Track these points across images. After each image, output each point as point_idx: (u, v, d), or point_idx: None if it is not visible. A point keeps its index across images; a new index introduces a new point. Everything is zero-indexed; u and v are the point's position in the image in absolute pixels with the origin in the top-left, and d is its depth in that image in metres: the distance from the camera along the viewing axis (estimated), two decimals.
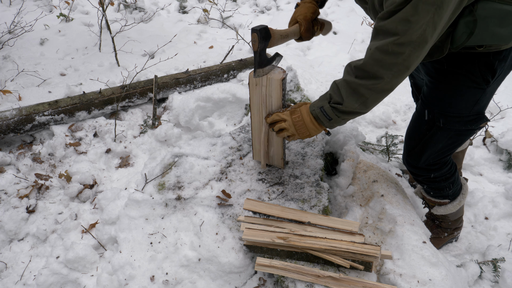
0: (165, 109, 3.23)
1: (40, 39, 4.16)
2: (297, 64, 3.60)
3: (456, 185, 1.88)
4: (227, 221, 1.79)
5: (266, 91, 1.65)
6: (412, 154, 1.74)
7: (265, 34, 1.51)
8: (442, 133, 1.59)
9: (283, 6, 5.46)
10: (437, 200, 1.94)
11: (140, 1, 5.24)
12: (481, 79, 1.43)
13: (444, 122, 1.56)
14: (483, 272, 1.98)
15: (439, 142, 1.63)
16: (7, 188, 2.38)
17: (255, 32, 1.49)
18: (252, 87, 1.68)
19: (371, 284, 1.50)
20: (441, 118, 1.55)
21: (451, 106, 1.52)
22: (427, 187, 1.91)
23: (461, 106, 1.50)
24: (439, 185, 1.84)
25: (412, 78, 2.06)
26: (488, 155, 2.80)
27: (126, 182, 2.52)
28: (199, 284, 1.73)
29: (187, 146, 2.17)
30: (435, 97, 1.56)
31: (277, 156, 1.92)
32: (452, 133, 1.59)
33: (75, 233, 2.16)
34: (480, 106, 1.52)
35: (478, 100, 1.49)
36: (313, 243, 1.57)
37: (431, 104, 1.58)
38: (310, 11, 1.62)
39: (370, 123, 3.17)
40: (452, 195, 1.90)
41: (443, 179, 1.80)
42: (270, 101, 1.68)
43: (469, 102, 1.49)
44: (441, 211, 1.96)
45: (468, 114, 1.52)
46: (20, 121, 2.72)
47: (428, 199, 1.99)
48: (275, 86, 1.60)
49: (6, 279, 1.99)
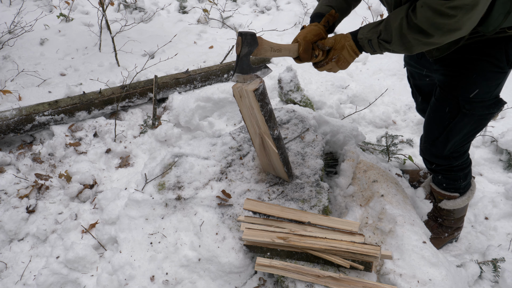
0: (165, 109, 3.23)
1: (40, 39, 4.16)
2: (297, 64, 3.60)
3: (469, 178, 1.94)
4: (227, 221, 1.79)
5: (249, 103, 1.60)
6: (437, 143, 1.77)
7: (250, 40, 1.48)
8: (466, 119, 1.64)
9: (283, 6, 5.46)
10: (447, 193, 1.97)
11: (140, 1, 5.24)
12: (505, 63, 1.48)
13: (469, 108, 1.60)
14: (483, 272, 1.97)
15: (463, 128, 1.67)
16: (7, 188, 2.38)
17: (240, 36, 1.47)
18: (237, 99, 1.64)
19: (371, 284, 1.50)
20: (466, 104, 1.59)
21: (476, 92, 1.56)
22: (442, 177, 1.94)
23: (485, 91, 1.55)
24: (456, 175, 1.88)
25: (413, 78, 2.06)
26: (488, 155, 2.80)
27: (126, 182, 2.52)
28: (199, 284, 1.73)
29: (187, 146, 2.17)
30: (458, 85, 1.59)
31: (279, 168, 1.85)
32: (476, 118, 1.64)
33: (75, 233, 2.16)
34: (499, 89, 1.59)
35: (499, 83, 1.56)
36: (313, 243, 1.57)
37: (454, 92, 1.61)
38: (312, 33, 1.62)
39: (370, 123, 3.17)
40: (464, 188, 1.95)
41: (460, 168, 1.86)
42: (253, 112, 1.62)
43: (492, 87, 1.55)
44: (449, 205, 1.98)
45: (490, 98, 1.58)
46: (20, 121, 2.72)
47: (438, 192, 2.01)
48: (251, 97, 1.55)
49: (6, 279, 1.99)
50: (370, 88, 3.48)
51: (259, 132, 1.71)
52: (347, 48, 1.54)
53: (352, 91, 3.43)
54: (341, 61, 1.58)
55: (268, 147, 1.73)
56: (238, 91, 1.60)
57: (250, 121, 1.69)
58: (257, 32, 4.35)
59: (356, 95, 3.42)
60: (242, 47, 1.48)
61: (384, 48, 1.44)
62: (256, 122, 1.67)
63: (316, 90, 3.28)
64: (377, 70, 3.84)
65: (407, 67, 2.04)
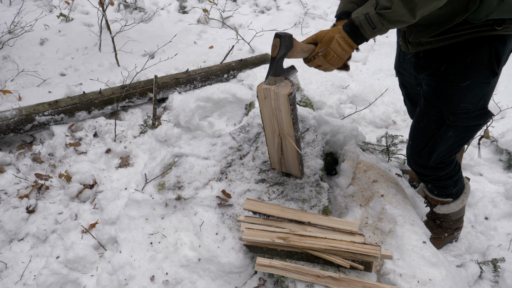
0: (165, 109, 3.23)
1: (40, 39, 4.16)
2: (298, 64, 3.60)
3: (459, 184, 1.90)
4: (227, 221, 1.79)
5: (275, 105, 1.61)
6: (422, 154, 1.74)
7: (288, 42, 1.42)
8: (451, 130, 1.61)
9: (283, 6, 5.46)
10: (440, 199, 1.95)
11: (140, 1, 5.24)
12: (489, 72, 1.44)
13: (453, 120, 1.57)
14: (483, 272, 1.98)
15: (449, 139, 1.64)
16: (7, 188, 2.38)
17: (278, 38, 1.40)
18: (261, 100, 1.64)
19: (371, 284, 1.50)
20: (450, 116, 1.57)
21: (459, 102, 1.53)
22: (432, 186, 1.92)
23: (469, 102, 1.52)
24: (444, 183, 1.85)
25: (405, 88, 2.03)
26: (488, 155, 2.80)
27: (126, 182, 2.52)
28: (199, 284, 1.73)
29: (187, 146, 2.17)
30: (442, 95, 1.56)
31: (293, 166, 1.89)
32: (461, 130, 1.61)
33: (75, 233, 2.16)
34: (484, 101, 1.55)
35: (484, 94, 1.52)
36: (313, 243, 1.57)
37: (439, 103, 1.58)
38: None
39: (370, 123, 3.17)
40: (456, 193, 1.92)
41: (448, 177, 1.82)
42: (280, 115, 1.64)
43: (476, 97, 1.51)
44: (443, 210, 1.96)
45: (475, 110, 1.55)
46: (20, 121, 2.72)
47: (431, 198, 1.99)
48: (282, 101, 1.56)
49: (6, 279, 1.99)
50: (370, 88, 3.48)
51: (279, 132, 1.73)
52: (338, 40, 1.43)
53: (352, 91, 3.43)
54: (330, 56, 1.46)
55: (288, 147, 1.78)
56: (263, 92, 1.59)
57: (270, 121, 1.71)
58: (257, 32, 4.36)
59: (356, 95, 3.42)
60: (279, 49, 1.42)
61: (384, 19, 1.30)
62: (278, 123, 1.68)
63: (316, 90, 3.28)
64: (377, 70, 3.84)
65: (398, 76, 2.00)
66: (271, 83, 1.57)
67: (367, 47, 4.20)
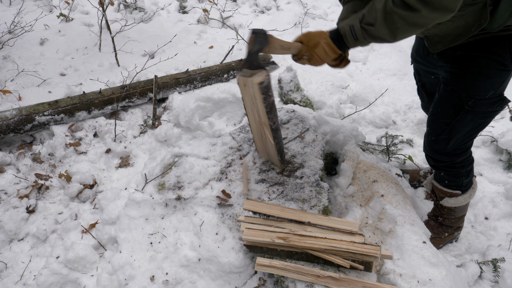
0: (165, 109, 3.23)
1: (40, 39, 4.16)
2: (298, 64, 3.60)
3: (471, 176, 1.94)
4: (227, 221, 1.79)
5: (252, 93, 1.66)
6: (440, 140, 1.78)
7: (262, 38, 1.52)
8: (469, 116, 1.65)
9: (283, 6, 5.45)
10: (450, 191, 1.97)
11: (140, 1, 5.23)
12: (509, 61, 1.49)
13: (472, 105, 1.61)
14: (483, 272, 1.97)
15: (466, 125, 1.68)
16: (7, 188, 2.38)
17: (253, 34, 1.51)
18: (241, 87, 1.70)
19: (371, 284, 1.50)
20: (469, 101, 1.60)
21: (479, 89, 1.56)
22: (445, 174, 1.94)
23: (488, 88, 1.56)
24: (458, 171, 1.89)
25: (419, 75, 2.07)
26: (488, 155, 2.80)
27: (126, 182, 2.52)
28: (199, 284, 1.73)
29: (187, 146, 2.17)
30: (461, 81, 1.60)
31: (273, 155, 1.93)
32: (479, 115, 1.65)
33: (75, 233, 2.16)
34: (502, 88, 1.59)
35: (504, 81, 1.56)
36: (313, 243, 1.57)
37: (458, 88, 1.62)
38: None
39: (370, 123, 3.17)
40: (466, 186, 1.95)
41: (462, 165, 1.86)
42: (256, 103, 1.69)
43: (495, 84, 1.55)
44: (451, 203, 1.98)
45: (493, 96, 1.59)
46: (20, 121, 2.72)
47: (439, 189, 2.01)
48: (256, 89, 1.61)
49: (6, 279, 1.99)
50: (370, 88, 3.48)
51: (258, 120, 1.77)
52: (323, 46, 1.50)
53: (352, 91, 3.43)
54: (314, 60, 1.55)
55: (267, 136, 1.80)
56: (243, 80, 1.65)
57: (251, 109, 1.76)
58: None
59: (356, 95, 3.42)
60: (254, 44, 1.52)
61: (367, 34, 1.37)
62: (257, 111, 1.73)
63: (316, 90, 3.28)
64: (377, 70, 3.84)
65: (414, 64, 2.04)
66: (247, 76, 1.63)
67: (367, 47, 4.20)
